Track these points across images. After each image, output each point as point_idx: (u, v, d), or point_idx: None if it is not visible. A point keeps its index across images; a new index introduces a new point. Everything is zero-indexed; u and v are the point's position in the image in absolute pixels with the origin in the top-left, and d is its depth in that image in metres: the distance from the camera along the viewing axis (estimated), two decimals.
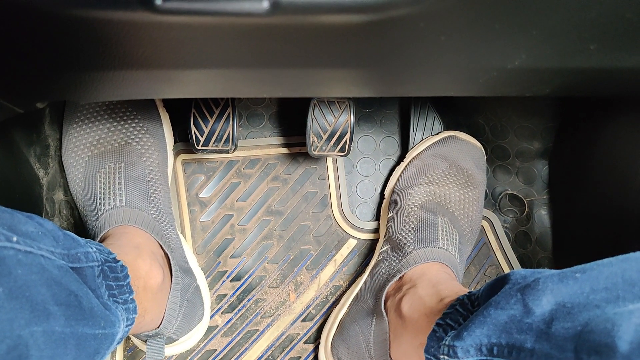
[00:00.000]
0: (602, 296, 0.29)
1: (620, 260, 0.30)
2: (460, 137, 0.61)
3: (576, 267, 0.31)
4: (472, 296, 0.40)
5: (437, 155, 0.60)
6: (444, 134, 0.61)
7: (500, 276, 0.37)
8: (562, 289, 0.31)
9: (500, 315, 0.33)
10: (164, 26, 0.26)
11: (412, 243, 0.54)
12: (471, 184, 0.59)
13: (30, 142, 0.53)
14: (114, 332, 0.39)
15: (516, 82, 0.38)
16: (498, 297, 0.34)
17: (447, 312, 0.41)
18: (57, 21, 0.26)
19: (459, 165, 0.59)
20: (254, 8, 0.24)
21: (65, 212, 0.59)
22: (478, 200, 0.59)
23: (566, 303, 0.30)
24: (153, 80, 0.35)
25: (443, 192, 0.58)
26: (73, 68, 0.32)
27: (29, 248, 0.32)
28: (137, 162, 0.54)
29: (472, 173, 0.60)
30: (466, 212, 0.58)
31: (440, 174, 0.59)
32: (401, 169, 0.61)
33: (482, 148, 0.62)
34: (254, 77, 0.35)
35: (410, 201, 0.57)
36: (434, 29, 0.29)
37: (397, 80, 0.37)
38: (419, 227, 0.55)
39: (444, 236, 0.54)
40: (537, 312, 0.31)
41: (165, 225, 0.54)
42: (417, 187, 0.58)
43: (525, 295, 0.32)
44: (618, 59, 0.34)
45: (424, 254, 0.52)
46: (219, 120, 0.55)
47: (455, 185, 0.58)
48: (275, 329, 0.62)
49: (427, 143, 0.61)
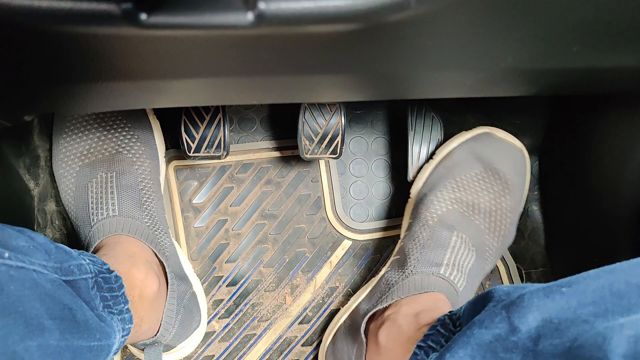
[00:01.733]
0: (590, 310, 0.28)
1: (606, 272, 0.29)
2: (497, 135, 0.54)
3: (562, 280, 0.31)
4: (454, 316, 0.39)
5: (471, 154, 0.53)
6: (479, 130, 0.54)
7: (482, 293, 0.36)
8: (549, 305, 0.30)
9: (484, 334, 0.32)
10: (150, 39, 0.26)
11: (413, 263, 0.50)
12: (507, 192, 0.53)
13: (19, 154, 0.53)
14: (110, 343, 0.39)
15: (503, 83, 0.38)
16: (482, 316, 0.33)
17: (428, 333, 0.40)
18: (43, 37, 0.26)
19: (495, 169, 0.53)
20: (239, 21, 0.24)
21: (57, 222, 0.59)
22: (513, 211, 0.54)
23: (553, 319, 0.29)
24: (141, 91, 0.35)
25: (471, 200, 0.52)
26: (60, 81, 0.32)
27: (21, 263, 0.32)
28: (128, 170, 0.54)
29: (510, 178, 0.53)
30: (496, 225, 0.52)
31: (472, 178, 0.53)
32: (430, 167, 0.56)
33: (523, 148, 0.55)
34: (243, 85, 0.35)
35: (430, 210, 0.52)
36: (419, 34, 0.29)
37: (385, 85, 0.37)
38: (427, 245, 0.51)
39: (450, 260, 0.50)
40: (522, 329, 0.30)
41: (159, 233, 0.53)
42: (442, 192, 0.53)
43: (510, 313, 0.31)
44: (600, 59, 0.34)
45: (419, 282, 0.49)
46: (210, 126, 0.55)
47: (488, 194, 0.52)
48: (273, 333, 0.62)
49: (459, 140, 0.55)
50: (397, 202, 0.65)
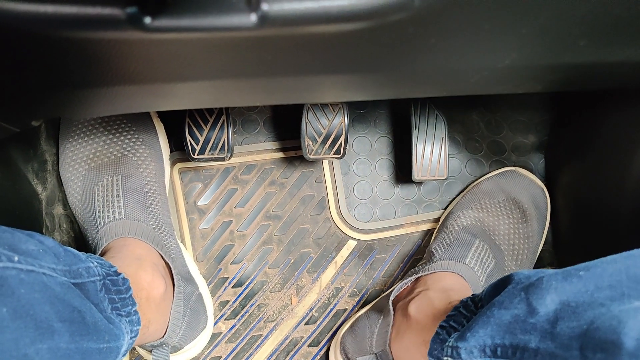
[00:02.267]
0: (606, 294, 0.28)
1: (623, 257, 0.30)
2: (520, 172, 0.62)
3: (580, 265, 0.31)
4: (476, 298, 0.40)
5: (496, 186, 0.60)
6: (505, 168, 0.62)
7: (504, 277, 0.37)
8: (567, 288, 0.30)
9: (503, 315, 0.32)
10: (155, 43, 0.27)
11: (440, 255, 0.54)
12: (524, 220, 0.58)
13: (27, 158, 0.53)
14: (119, 345, 0.39)
15: (508, 80, 0.38)
16: (501, 297, 0.34)
17: (451, 314, 0.41)
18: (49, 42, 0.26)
19: (515, 199, 0.59)
20: (242, 22, 0.24)
21: (65, 226, 0.59)
22: (529, 238, 0.58)
23: (571, 302, 0.29)
24: (146, 95, 0.35)
25: (492, 222, 0.57)
26: (66, 86, 0.32)
27: (31, 267, 0.32)
28: (134, 173, 0.54)
29: (527, 209, 0.59)
30: (514, 248, 0.56)
31: (494, 204, 0.59)
32: (461, 195, 0.63)
33: (543, 187, 0.62)
34: (247, 87, 0.35)
35: (456, 221, 0.58)
36: (423, 32, 0.29)
37: (389, 84, 0.37)
38: (453, 244, 0.55)
39: (474, 256, 0.53)
40: (541, 311, 0.30)
41: (165, 235, 0.54)
42: (468, 211, 0.59)
43: (529, 295, 0.32)
44: (608, 53, 0.34)
45: (447, 264, 0.52)
46: (214, 129, 0.55)
47: (507, 219, 0.58)
48: (279, 334, 0.62)
49: (488, 175, 0.63)
50: (401, 202, 0.65)
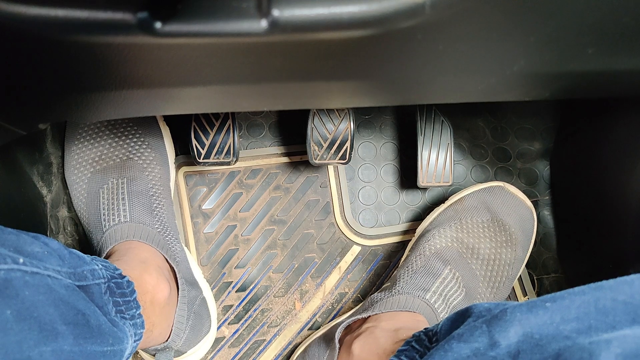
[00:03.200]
0: (573, 326, 0.27)
1: (592, 288, 0.29)
2: (509, 190, 0.56)
3: (547, 295, 0.30)
4: (430, 332, 0.38)
5: (481, 203, 0.55)
6: (493, 183, 0.57)
7: (461, 310, 0.35)
8: (531, 319, 0.29)
9: (462, 348, 0.30)
10: (164, 47, 0.27)
11: (402, 285, 0.50)
12: (509, 245, 0.53)
13: (32, 161, 0.54)
14: (123, 348, 0.39)
15: (515, 88, 0.38)
16: (461, 330, 0.32)
17: (402, 348, 0.39)
18: (59, 46, 0.26)
19: (501, 220, 0.54)
20: (253, 28, 0.24)
21: (69, 228, 0.59)
22: (512, 265, 0.53)
23: (534, 334, 0.28)
24: (154, 99, 0.35)
25: (472, 244, 0.52)
26: (75, 90, 0.32)
27: (36, 269, 0.32)
28: (139, 176, 0.54)
29: (514, 232, 0.54)
30: (492, 274, 0.52)
31: (477, 224, 0.54)
32: (440, 209, 0.58)
33: (532, 208, 0.56)
34: (254, 92, 0.35)
35: (429, 243, 0.53)
36: (432, 39, 0.29)
37: (396, 90, 0.37)
38: (418, 272, 0.51)
39: (438, 289, 0.49)
40: (502, 344, 0.29)
41: (170, 238, 0.54)
42: (445, 229, 0.54)
43: (492, 327, 0.30)
44: (616, 61, 0.34)
45: (404, 301, 0.48)
46: (220, 133, 0.55)
47: (490, 242, 0.53)
48: (282, 339, 0.62)
49: (473, 188, 0.57)
50: (406, 208, 0.65)
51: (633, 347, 0.25)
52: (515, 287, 0.64)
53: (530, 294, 0.63)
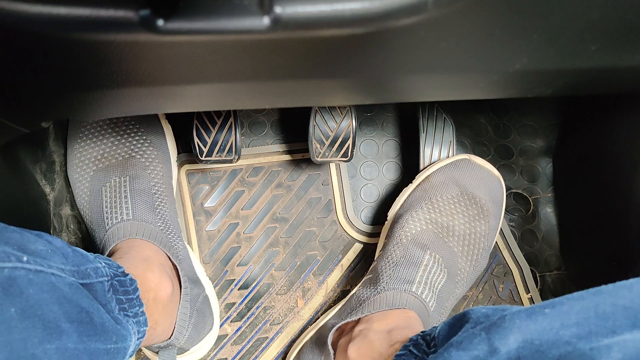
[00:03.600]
0: (573, 332, 0.27)
1: (592, 293, 0.29)
2: (475, 162, 0.56)
3: (546, 302, 0.30)
4: (427, 336, 0.38)
5: (449, 178, 0.55)
6: (459, 157, 0.56)
7: (458, 314, 0.35)
8: (531, 326, 0.28)
9: (462, 356, 0.30)
10: (166, 45, 0.27)
11: (386, 280, 0.50)
12: (482, 217, 0.53)
13: (35, 159, 0.54)
14: (126, 346, 0.39)
15: (518, 85, 0.38)
16: (460, 337, 0.32)
17: (400, 353, 0.39)
18: (61, 44, 0.26)
19: (471, 194, 0.54)
20: (255, 25, 0.24)
21: (72, 226, 0.59)
22: (487, 236, 0.54)
23: (534, 340, 0.28)
24: (156, 97, 0.35)
25: (446, 222, 0.52)
26: (77, 88, 0.32)
27: (39, 267, 0.32)
28: (141, 175, 0.54)
29: (485, 204, 0.54)
30: (469, 249, 0.52)
31: (448, 201, 0.53)
32: (409, 191, 0.57)
33: (500, 177, 0.56)
34: (256, 90, 0.35)
35: (404, 229, 0.53)
36: (434, 36, 0.29)
37: (399, 88, 0.37)
38: (400, 263, 0.51)
39: (422, 279, 0.50)
40: (502, 351, 0.29)
41: (172, 236, 0.54)
42: (418, 212, 0.53)
43: (491, 334, 0.30)
44: (620, 58, 0.34)
45: (391, 298, 0.48)
46: (222, 131, 0.55)
47: (463, 217, 0.53)
48: (285, 336, 0.62)
49: (438, 165, 0.56)
50: None
51: (634, 352, 0.25)
52: (517, 283, 0.64)
53: (533, 291, 0.63)
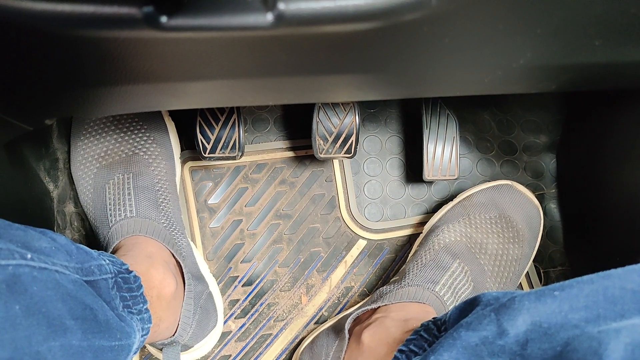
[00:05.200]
0: (581, 315, 0.27)
1: (601, 277, 0.29)
2: (517, 188, 0.57)
3: (555, 284, 0.30)
4: (438, 321, 0.38)
5: (489, 200, 0.56)
6: (502, 181, 0.58)
7: (469, 299, 0.35)
8: (540, 308, 0.29)
9: (471, 337, 0.30)
10: (170, 42, 0.27)
11: (411, 277, 0.51)
12: (517, 242, 0.54)
13: (39, 157, 0.54)
14: (130, 342, 0.39)
15: (522, 80, 0.38)
16: (469, 319, 0.32)
17: (411, 338, 0.39)
18: (65, 41, 0.26)
19: (509, 217, 0.55)
20: (259, 21, 0.24)
21: (76, 224, 0.59)
22: (519, 261, 0.54)
23: (542, 322, 0.28)
24: (160, 93, 0.35)
25: (480, 239, 0.53)
26: (81, 85, 0.32)
27: (44, 264, 0.32)
28: (145, 172, 0.54)
29: (522, 229, 0.55)
30: (500, 270, 0.53)
31: (486, 221, 0.54)
32: (449, 207, 0.58)
33: (539, 207, 0.57)
34: (260, 86, 0.35)
35: (438, 237, 0.54)
36: (437, 32, 0.29)
37: (402, 84, 0.37)
38: (428, 265, 0.51)
39: (448, 282, 0.50)
40: (511, 332, 0.29)
41: (176, 233, 0.54)
42: (454, 225, 0.54)
43: (500, 315, 0.30)
44: (623, 53, 0.33)
45: (413, 292, 0.49)
46: (225, 127, 0.55)
47: (498, 237, 0.53)
48: (289, 333, 0.62)
49: (481, 187, 0.58)
50: (412, 201, 0.65)
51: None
52: (522, 281, 0.63)
53: (537, 287, 0.63)
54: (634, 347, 0.25)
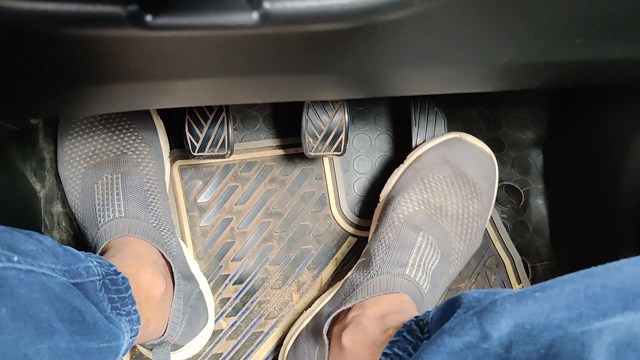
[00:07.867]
0: (563, 315, 0.27)
1: (582, 275, 0.28)
2: (467, 140, 0.55)
3: (536, 285, 0.29)
4: (421, 322, 0.38)
5: (440, 158, 0.54)
6: (450, 135, 0.55)
7: (450, 299, 0.35)
8: (522, 310, 0.28)
9: (454, 342, 0.30)
10: (155, 40, 0.26)
11: (379, 264, 0.50)
12: (475, 196, 0.53)
13: (25, 156, 0.53)
14: (119, 344, 0.39)
15: (506, 78, 0.38)
16: (452, 323, 0.32)
17: (394, 339, 0.39)
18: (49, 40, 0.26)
19: (464, 173, 0.53)
20: (244, 20, 0.24)
21: (64, 224, 0.59)
22: (480, 215, 0.53)
23: (525, 324, 0.28)
24: (147, 92, 0.35)
25: (439, 203, 0.52)
26: (67, 84, 0.32)
27: (30, 267, 0.32)
28: (134, 171, 0.54)
29: (478, 182, 0.53)
30: (463, 228, 0.52)
31: (440, 181, 0.53)
32: (400, 171, 0.57)
33: (492, 155, 0.55)
34: (247, 85, 0.35)
35: (397, 211, 0.52)
36: (422, 31, 0.29)
37: (389, 82, 0.37)
38: (393, 246, 0.50)
39: (416, 261, 0.49)
40: (494, 336, 0.29)
41: (166, 233, 0.54)
42: (410, 193, 0.53)
43: (482, 320, 0.30)
44: (603, 51, 0.34)
45: (384, 282, 0.48)
46: (214, 126, 0.55)
47: (455, 197, 0.52)
48: (280, 330, 0.62)
49: (429, 144, 0.56)
50: None
51: (625, 335, 0.25)
52: (509, 274, 0.64)
53: (525, 281, 0.64)
54: (617, 346, 0.25)
